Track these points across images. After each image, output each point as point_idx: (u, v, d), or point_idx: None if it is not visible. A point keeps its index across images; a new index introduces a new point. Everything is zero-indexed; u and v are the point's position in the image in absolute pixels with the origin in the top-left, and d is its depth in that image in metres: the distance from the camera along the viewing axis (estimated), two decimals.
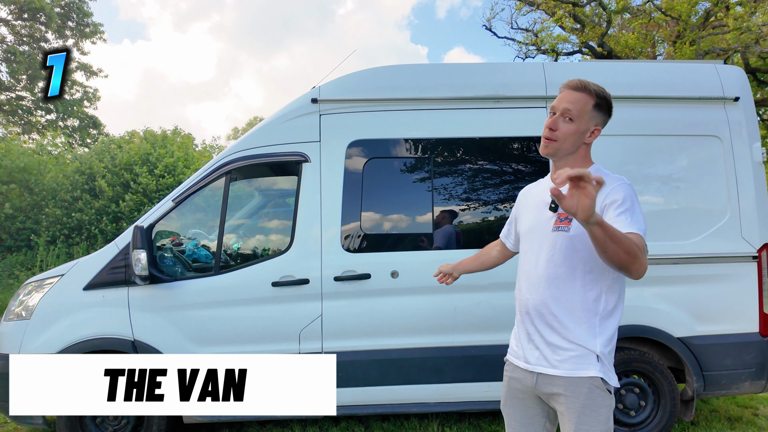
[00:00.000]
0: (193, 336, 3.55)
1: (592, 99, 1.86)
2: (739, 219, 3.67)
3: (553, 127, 1.87)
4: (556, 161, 1.95)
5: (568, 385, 1.83)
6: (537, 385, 1.92)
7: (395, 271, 3.59)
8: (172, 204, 3.66)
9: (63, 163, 12.54)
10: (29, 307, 3.59)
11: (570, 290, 1.84)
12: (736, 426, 4.04)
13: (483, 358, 3.61)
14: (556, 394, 1.87)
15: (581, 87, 1.87)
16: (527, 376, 1.95)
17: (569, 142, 1.87)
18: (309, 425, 4.07)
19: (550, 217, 1.88)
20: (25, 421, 3.56)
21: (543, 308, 1.88)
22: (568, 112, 1.85)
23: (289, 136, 3.73)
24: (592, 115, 1.87)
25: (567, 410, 1.84)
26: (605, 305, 1.84)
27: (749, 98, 3.85)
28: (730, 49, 13.10)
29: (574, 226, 1.81)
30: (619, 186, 1.79)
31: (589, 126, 1.88)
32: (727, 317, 3.65)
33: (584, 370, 1.81)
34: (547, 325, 1.88)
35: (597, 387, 1.81)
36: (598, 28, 14.69)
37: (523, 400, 2.01)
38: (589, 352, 1.82)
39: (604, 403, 1.82)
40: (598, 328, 1.83)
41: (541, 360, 1.90)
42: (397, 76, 3.83)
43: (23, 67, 18.37)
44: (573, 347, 1.83)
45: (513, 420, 2.04)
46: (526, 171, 3.78)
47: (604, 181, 1.43)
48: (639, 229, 1.70)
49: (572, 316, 1.84)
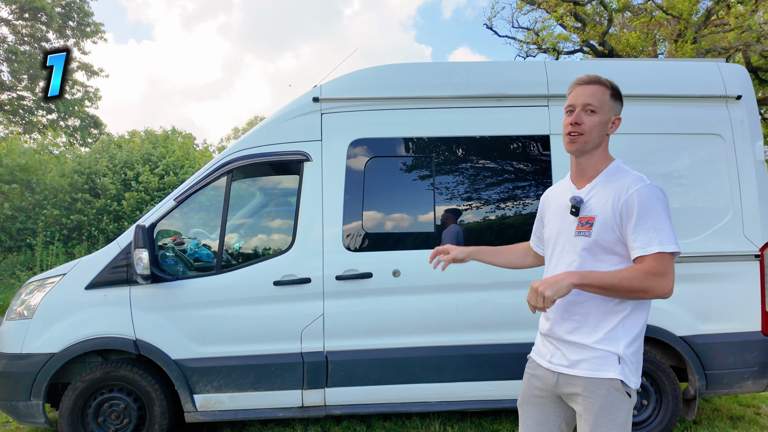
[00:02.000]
0: (195, 335, 3.55)
1: (607, 90, 1.87)
2: (741, 218, 3.66)
3: (578, 122, 1.84)
4: (580, 158, 1.92)
5: (587, 385, 1.81)
6: (558, 385, 1.91)
7: (397, 270, 3.58)
8: (173, 203, 3.66)
9: (64, 162, 12.54)
10: (31, 307, 3.60)
11: (591, 297, 1.82)
12: (739, 425, 4.03)
13: (485, 357, 3.61)
14: (575, 395, 1.86)
15: (595, 80, 1.88)
16: (548, 375, 1.94)
17: (596, 133, 1.85)
18: (311, 424, 4.07)
19: (572, 221, 1.88)
20: (28, 421, 3.57)
21: (566, 311, 1.88)
22: (589, 105, 1.84)
23: (290, 135, 3.72)
24: (611, 105, 1.87)
25: (585, 411, 1.83)
26: (628, 307, 1.82)
27: (751, 96, 3.84)
28: (732, 47, 13.08)
29: (595, 231, 1.81)
30: (635, 192, 1.76)
31: (610, 116, 1.88)
32: (730, 316, 3.64)
33: (604, 371, 1.79)
34: (570, 326, 1.87)
35: (616, 389, 1.78)
36: (599, 26, 14.68)
37: (542, 399, 1.99)
38: (611, 353, 1.80)
39: (622, 406, 1.80)
40: (621, 330, 1.81)
41: (563, 360, 1.89)
42: (398, 74, 3.82)
43: (24, 67, 18.35)
44: (595, 349, 1.82)
45: (528, 418, 2.03)
46: (527, 170, 3.78)
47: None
48: (659, 245, 1.68)
49: (595, 318, 1.83)
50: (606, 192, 1.82)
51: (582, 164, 1.92)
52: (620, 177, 1.83)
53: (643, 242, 1.70)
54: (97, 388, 3.56)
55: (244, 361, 3.55)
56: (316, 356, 3.57)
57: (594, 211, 1.83)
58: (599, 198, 1.83)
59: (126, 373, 3.54)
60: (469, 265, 3.54)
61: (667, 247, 1.69)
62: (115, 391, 3.59)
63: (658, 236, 1.70)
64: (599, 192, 1.84)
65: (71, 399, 3.51)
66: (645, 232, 1.71)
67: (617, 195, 1.78)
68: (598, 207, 1.82)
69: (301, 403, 3.60)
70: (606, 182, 1.85)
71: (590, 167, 1.90)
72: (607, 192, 1.82)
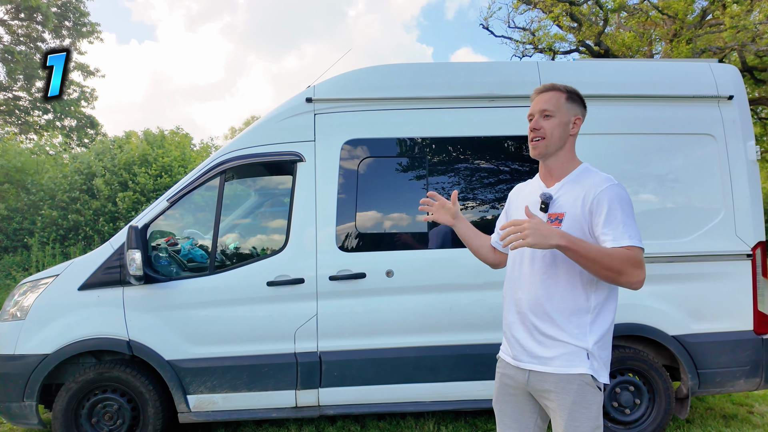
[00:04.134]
0: (189, 336, 3.55)
1: (562, 94, 1.96)
2: (733, 217, 3.68)
3: (536, 127, 1.95)
4: (546, 161, 2.00)
5: (558, 381, 1.85)
6: (529, 382, 1.94)
7: (390, 270, 3.59)
8: (167, 204, 3.65)
9: (61, 163, 12.50)
10: (24, 308, 3.59)
11: (561, 289, 1.87)
12: (731, 424, 4.05)
13: (478, 357, 3.61)
14: (547, 391, 1.89)
15: (550, 87, 1.99)
16: (519, 373, 1.98)
17: (556, 135, 1.93)
18: (305, 424, 4.07)
19: (541, 218, 1.89)
20: (21, 422, 3.56)
21: (535, 307, 1.91)
22: (545, 110, 1.95)
23: (283, 135, 3.72)
24: (568, 107, 1.96)
25: (558, 407, 1.86)
26: (597, 303, 1.87)
27: (743, 96, 3.86)
28: (727, 47, 13.11)
29: (565, 227, 1.85)
30: (606, 190, 1.83)
31: (570, 117, 1.96)
32: (722, 315, 3.66)
33: (575, 367, 1.83)
34: (539, 323, 1.90)
35: (587, 384, 1.83)
36: (595, 26, 14.69)
37: (515, 397, 2.03)
38: (580, 349, 1.84)
39: (594, 399, 1.85)
40: (589, 326, 1.86)
41: (533, 358, 1.91)
42: (391, 75, 3.83)
43: (20, 67, 18.33)
44: (564, 345, 1.85)
45: (505, 416, 2.06)
46: (521, 170, 3.78)
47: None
48: (629, 240, 1.76)
49: (564, 314, 1.86)
50: (575, 190, 1.90)
51: (549, 166, 2.00)
52: (589, 177, 1.92)
53: (614, 235, 1.77)
54: (90, 389, 3.56)
55: (237, 362, 3.55)
56: (310, 356, 3.57)
57: (563, 207, 1.90)
58: (568, 196, 1.91)
59: (119, 374, 3.54)
60: (463, 265, 3.61)
61: (637, 243, 1.76)
62: (109, 392, 3.58)
63: (627, 231, 1.77)
64: (568, 191, 1.92)
65: (65, 400, 3.51)
66: (615, 226, 1.78)
67: (586, 192, 1.85)
68: (568, 204, 1.89)
69: (295, 403, 3.61)
70: (575, 181, 1.93)
71: (557, 168, 1.98)
72: (577, 190, 1.90)
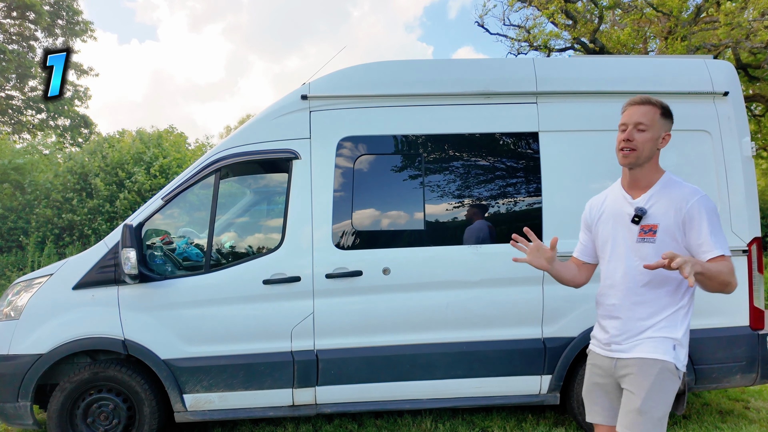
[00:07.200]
0: (184, 335, 3.53)
1: (658, 109, 2.07)
2: (728, 213, 3.68)
3: (630, 138, 2.06)
4: (633, 170, 2.12)
5: (641, 365, 2.03)
6: (616, 368, 2.11)
7: (387, 267, 3.58)
8: (161, 202, 3.63)
9: (55, 162, 12.42)
10: (18, 307, 3.56)
11: (655, 292, 2.06)
12: (728, 419, 4.06)
13: (475, 354, 3.61)
14: (629, 374, 2.06)
15: (646, 101, 2.08)
16: (607, 362, 2.15)
17: (647, 148, 2.06)
18: (302, 423, 4.06)
19: (632, 229, 2.09)
20: (16, 423, 3.53)
21: (629, 308, 2.09)
22: (640, 124, 2.06)
23: (279, 133, 3.70)
24: (661, 122, 2.08)
25: (636, 387, 2.00)
26: (685, 300, 2.08)
27: (738, 93, 3.86)
28: (722, 44, 13.14)
29: (659, 238, 2.03)
30: (697, 202, 1.99)
31: (661, 132, 2.08)
32: (718, 311, 3.66)
33: (659, 354, 2.02)
34: (632, 320, 2.08)
35: (669, 370, 2.01)
36: (590, 24, 14.70)
37: (604, 386, 2.18)
38: (669, 339, 2.03)
39: (672, 387, 2.02)
40: (681, 319, 2.07)
41: (621, 347, 2.10)
42: (387, 72, 3.81)
43: (13, 66, 18.20)
44: (654, 335, 2.04)
45: (594, 404, 2.22)
46: (516, 167, 3.78)
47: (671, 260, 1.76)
48: (724, 249, 1.95)
49: (656, 312, 2.05)
50: (664, 202, 2.05)
51: (635, 175, 2.13)
52: (677, 188, 2.07)
53: (710, 245, 1.95)
54: (85, 389, 3.54)
55: (233, 361, 3.54)
56: (307, 355, 3.56)
57: (656, 219, 2.05)
58: (658, 207, 2.06)
59: (115, 374, 3.52)
60: (459, 261, 3.60)
61: (728, 252, 1.97)
62: (104, 392, 3.56)
63: (719, 241, 1.96)
64: (657, 201, 2.07)
65: (59, 400, 3.49)
66: (708, 236, 1.96)
67: (678, 205, 2.01)
68: (659, 215, 2.05)
69: (292, 401, 3.59)
70: (662, 193, 2.07)
71: (643, 178, 2.12)
72: (666, 202, 2.04)
